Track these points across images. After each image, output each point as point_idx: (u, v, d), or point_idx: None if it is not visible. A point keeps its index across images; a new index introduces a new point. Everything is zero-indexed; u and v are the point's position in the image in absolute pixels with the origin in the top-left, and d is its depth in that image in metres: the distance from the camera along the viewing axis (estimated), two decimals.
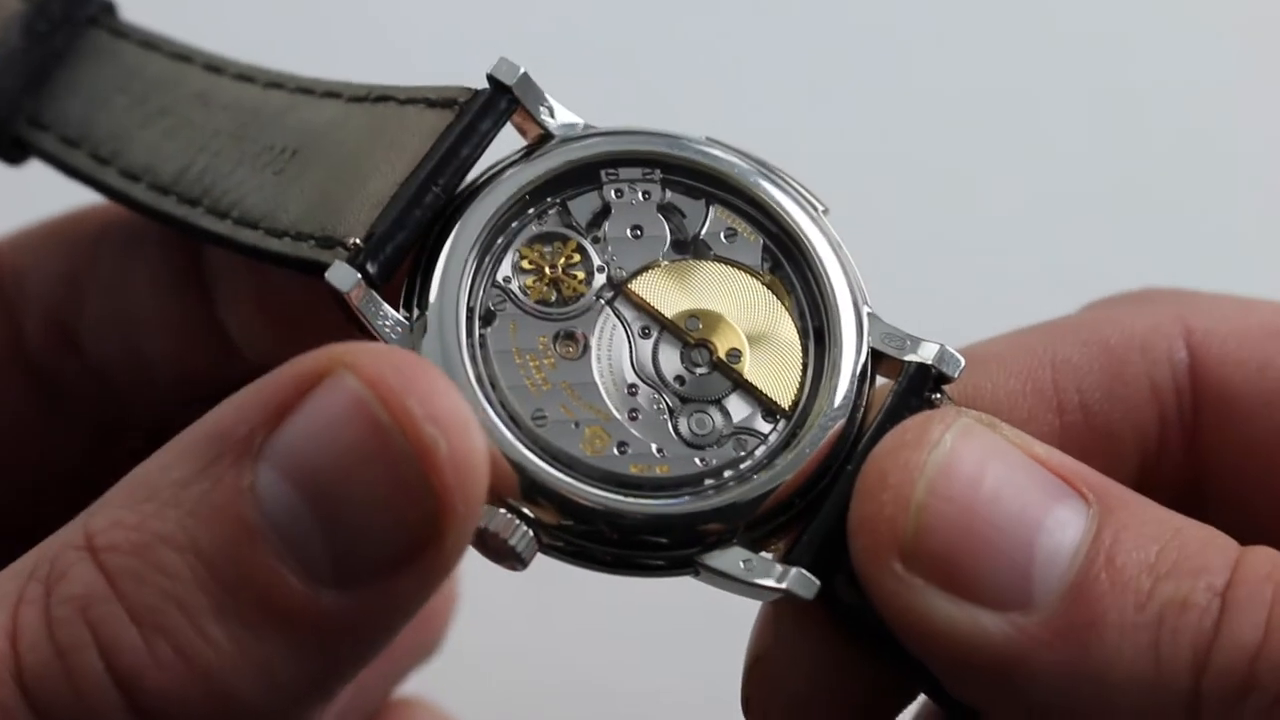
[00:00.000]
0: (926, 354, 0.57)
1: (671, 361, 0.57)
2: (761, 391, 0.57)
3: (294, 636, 0.50)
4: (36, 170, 0.72)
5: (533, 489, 0.54)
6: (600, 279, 0.58)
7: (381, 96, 0.61)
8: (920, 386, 0.57)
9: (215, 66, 0.67)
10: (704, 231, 0.59)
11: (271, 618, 0.49)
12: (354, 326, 0.56)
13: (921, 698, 0.59)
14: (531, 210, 0.58)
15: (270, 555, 0.49)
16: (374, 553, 0.50)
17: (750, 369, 0.57)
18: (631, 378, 0.57)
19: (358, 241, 0.56)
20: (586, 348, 0.57)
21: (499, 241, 0.57)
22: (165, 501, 0.50)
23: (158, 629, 0.49)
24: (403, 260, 0.57)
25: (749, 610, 0.59)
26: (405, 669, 0.78)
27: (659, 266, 0.58)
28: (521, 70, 0.58)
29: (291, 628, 0.49)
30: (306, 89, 0.64)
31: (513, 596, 0.56)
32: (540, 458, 0.54)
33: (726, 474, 0.56)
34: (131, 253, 0.73)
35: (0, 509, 0.74)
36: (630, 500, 0.55)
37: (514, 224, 0.58)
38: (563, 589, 0.57)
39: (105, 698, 0.49)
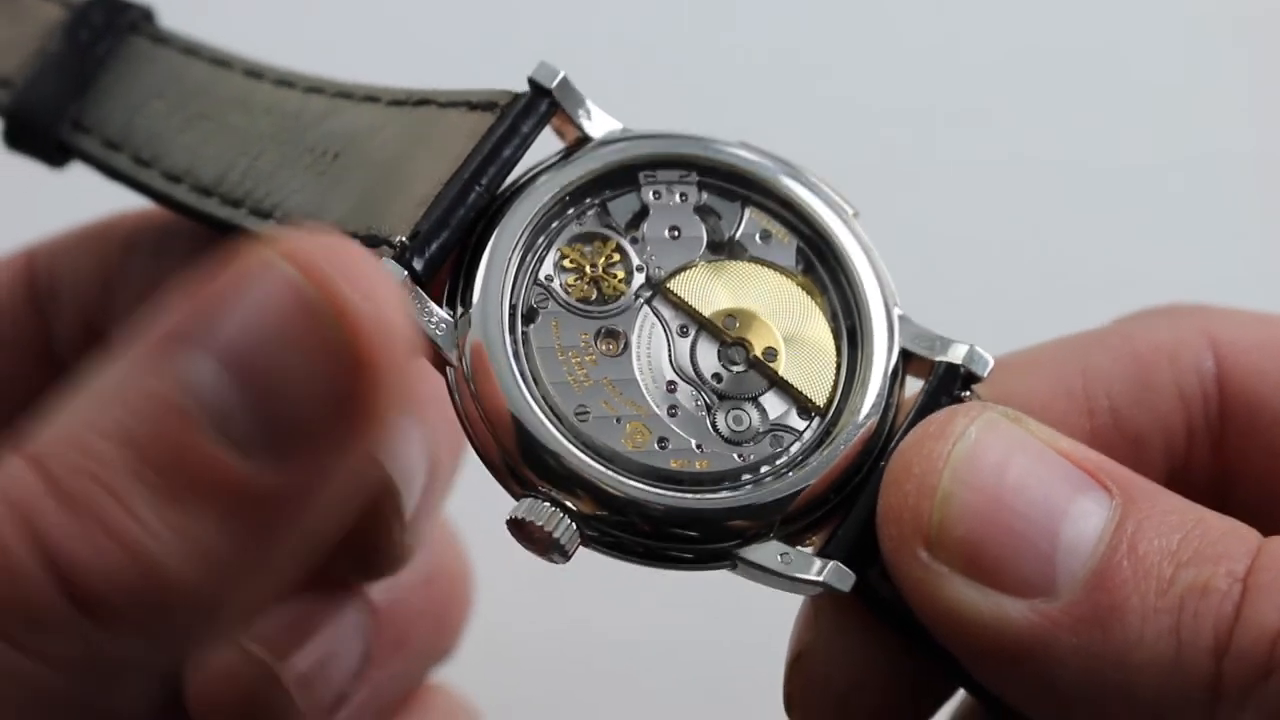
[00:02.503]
0: (956, 354, 0.60)
1: (709, 359, 0.60)
2: (797, 389, 0.60)
3: (226, 511, 0.52)
4: (75, 177, 0.74)
5: (575, 482, 0.57)
6: (639, 278, 0.61)
7: (422, 100, 0.64)
8: (950, 386, 0.60)
9: (254, 72, 0.70)
10: (739, 233, 0.62)
11: (203, 493, 0.51)
12: None
13: (960, 693, 0.61)
14: (571, 210, 0.61)
15: (199, 432, 0.51)
16: (302, 421, 0.52)
17: (786, 367, 0.60)
18: (670, 375, 0.60)
19: (404, 240, 0.59)
20: (627, 345, 0.60)
21: (540, 240, 0.60)
22: (99, 399, 0.53)
23: (89, 512, 0.51)
24: (446, 258, 0.59)
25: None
26: (420, 671, 0.80)
27: (696, 266, 0.61)
28: (561, 74, 0.61)
29: (223, 502, 0.52)
30: (346, 93, 0.66)
31: (532, 580, 0.58)
32: (583, 452, 0.57)
33: (764, 470, 0.59)
34: (162, 256, 0.76)
35: None
36: (672, 494, 0.57)
37: (555, 224, 0.61)
38: (581, 571, 0.59)
39: (38, 583, 0.51)
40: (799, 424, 0.60)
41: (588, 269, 0.61)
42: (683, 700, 1.01)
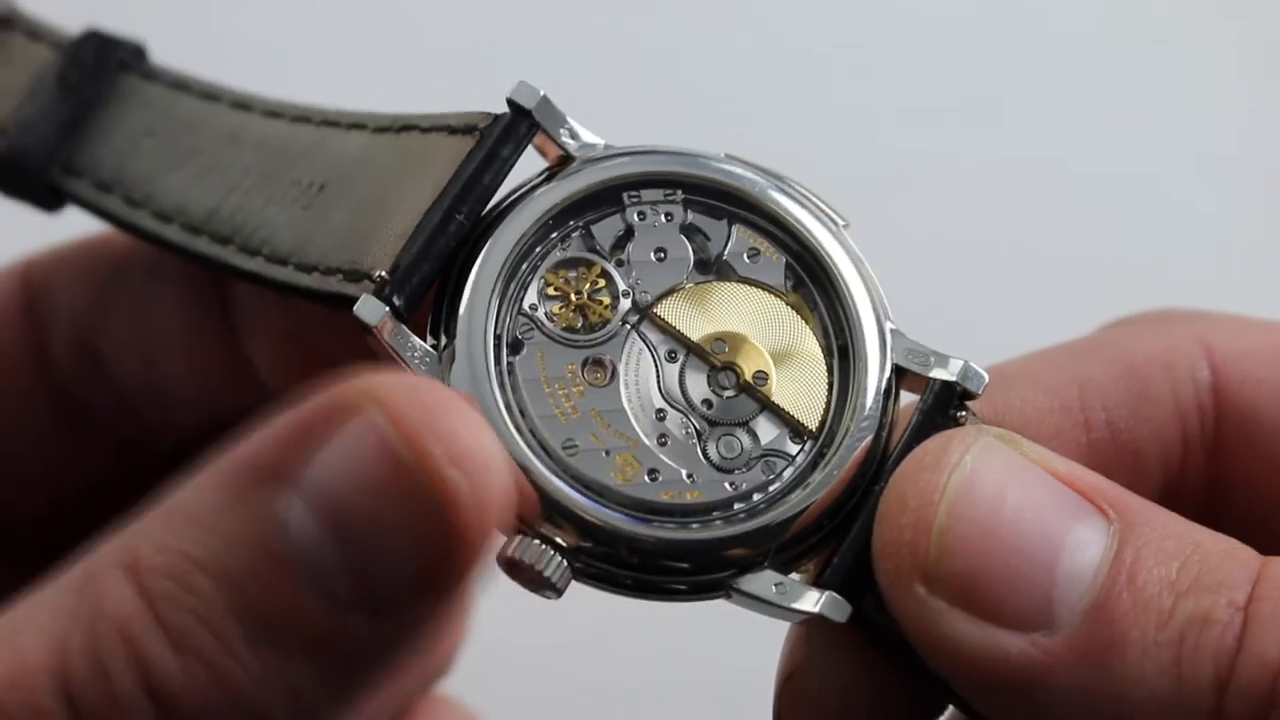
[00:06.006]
0: (951, 370, 0.60)
1: (698, 385, 0.60)
2: (788, 413, 0.60)
3: (318, 659, 0.54)
4: None
5: (565, 518, 0.57)
6: (625, 303, 0.60)
7: (405, 126, 0.63)
8: (945, 404, 0.59)
9: (243, 104, 0.70)
10: (727, 252, 0.61)
11: (297, 641, 0.54)
12: (383, 358, 0.59)
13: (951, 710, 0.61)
14: (555, 235, 0.61)
15: (297, 583, 0.53)
16: (396, 584, 0.53)
17: (777, 391, 0.60)
18: (659, 402, 0.59)
19: (384, 274, 0.58)
20: (614, 374, 0.59)
21: (524, 268, 0.60)
22: (201, 527, 0.54)
23: (190, 649, 0.53)
24: (428, 290, 0.59)
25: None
26: (407, 696, 0.80)
27: (683, 289, 0.61)
28: (541, 93, 0.60)
29: (316, 651, 0.54)
30: (333, 122, 0.66)
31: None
32: (572, 487, 0.57)
33: (756, 498, 0.58)
34: (156, 277, 0.76)
35: (24, 521, 0.78)
36: (664, 528, 0.57)
37: (538, 249, 0.60)
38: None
39: (140, 711, 0.53)
40: (791, 448, 0.59)
41: (572, 296, 0.60)
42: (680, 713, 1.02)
